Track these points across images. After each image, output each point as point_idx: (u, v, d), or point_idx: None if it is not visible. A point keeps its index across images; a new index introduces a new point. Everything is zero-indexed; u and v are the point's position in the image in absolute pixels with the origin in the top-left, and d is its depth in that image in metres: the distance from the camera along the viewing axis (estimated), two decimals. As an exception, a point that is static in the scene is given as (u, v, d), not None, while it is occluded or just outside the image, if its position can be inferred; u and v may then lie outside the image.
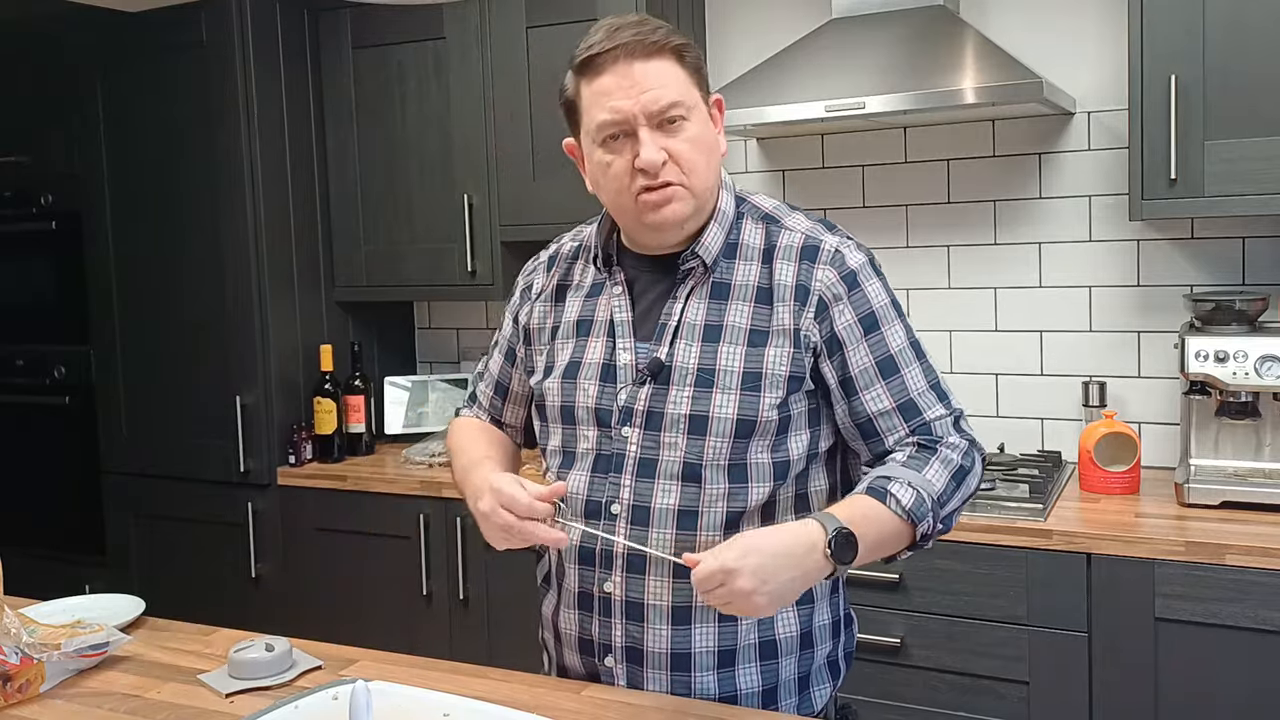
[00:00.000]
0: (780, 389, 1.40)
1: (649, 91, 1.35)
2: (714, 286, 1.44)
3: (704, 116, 1.41)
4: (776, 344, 1.40)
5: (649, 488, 1.41)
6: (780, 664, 1.45)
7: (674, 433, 1.41)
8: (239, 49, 3.09)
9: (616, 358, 1.45)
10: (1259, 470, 2.33)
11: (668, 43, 1.37)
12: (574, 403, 1.47)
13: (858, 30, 2.62)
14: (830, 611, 1.50)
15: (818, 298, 1.41)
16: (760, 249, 1.45)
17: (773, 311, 1.41)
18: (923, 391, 1.42)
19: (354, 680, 1.37)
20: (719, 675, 1.43)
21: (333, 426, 3.19)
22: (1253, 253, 2.56)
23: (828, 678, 1.50)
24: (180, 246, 3.24)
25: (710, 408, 1.39)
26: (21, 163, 3.51)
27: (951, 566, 2.30)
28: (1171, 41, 2.27)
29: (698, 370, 1.41)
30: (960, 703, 2.30)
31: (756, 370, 1.40)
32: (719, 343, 1.41)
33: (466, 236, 3.06)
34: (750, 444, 1.40)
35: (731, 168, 3.10)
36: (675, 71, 1.37)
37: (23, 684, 1.50)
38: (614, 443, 1.44)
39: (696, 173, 1.39)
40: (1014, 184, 2.78)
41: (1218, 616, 2.08)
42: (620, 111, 1.35)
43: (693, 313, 1.43)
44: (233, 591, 3.20)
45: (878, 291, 1.44)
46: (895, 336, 1.43)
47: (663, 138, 1.36)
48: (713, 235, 1.44)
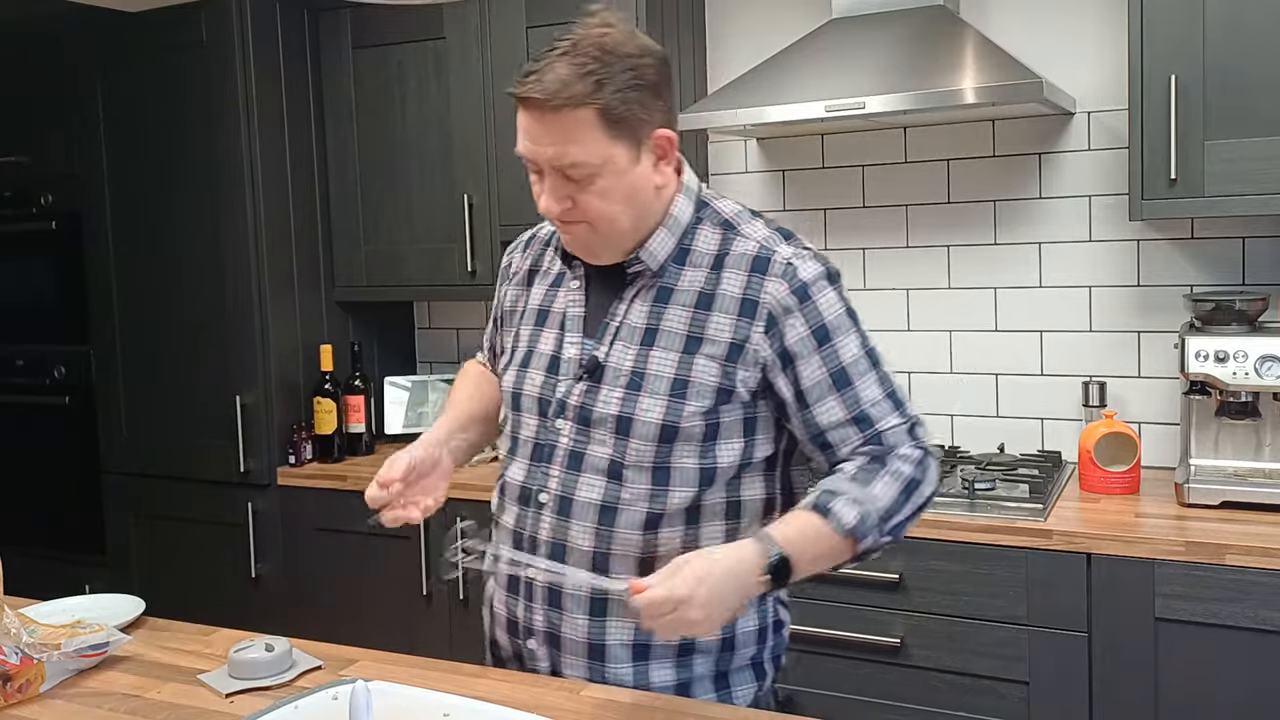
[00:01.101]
0: (707, 398, 1.40)
1: (553, 146, 1.35)
2: (659, 290, 1.45)
3: (623, 167, 1.37)
4: (707, 353, 1.41)
5: (575, 481, 1.44)
6: (695, 661, 1.47)
7: (602, 430, 1.43)
8: (239, 49, 3.09)
9: (563, 351, 1.49)
10: (1259, 470, 2.33)
11: (585, 101, 1.32)
12: (522, 390, 1.52)
13: (858, 30, 2.62)
14: (757, 618, 1.51)
15: (767, 311, 1.40)
16: (713, 255, 1.45)
17: (710, 320, 1.41)
18: (876, 402, 1.42)
19: (354, 680, 1.37)
20: (634, 668, 1.46)
21: (333, 426, 3.19)
22: (1253, 253, 2.56)
23: (751, 679, 1.51)
24: (180, 246, 3.24)
25: (636, 410, 1.41)
26: (21, 163, 3.51)
27: (951, 566, 2.30)
28: (1171, 41, 2.27)
29: (630, 372, 1.43)
30: (960, 703, 2.30)
31: (685, 378, 1.41)
32: (653, 347, 1.43)
33: (466, 236, 3.06)
34: (675, 448, 1.41)
35: (731, 168, 3.10)
36: (587, 131, 1.34)
37: (23, 684, 1.50)
38: (549, 434, 1.47)
39: (603, 221, 1.39)
40: (1014, 184, 2.78)
41: (1218, 616, 2.08)
42: (529, 152, 1.38)
43: (635, 315, 1.45)
44: (233, 591, 3.20)
45: (830, 303, 1.42)
46: (849, 348, 1.42)
47: (569, 186, 1.37)
48: (659, 241, 1.45)
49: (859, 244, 2.97)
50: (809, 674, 2.42)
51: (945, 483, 2.52)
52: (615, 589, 1.35)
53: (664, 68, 1.41)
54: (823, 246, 3.00)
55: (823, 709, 2.33)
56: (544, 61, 1.35)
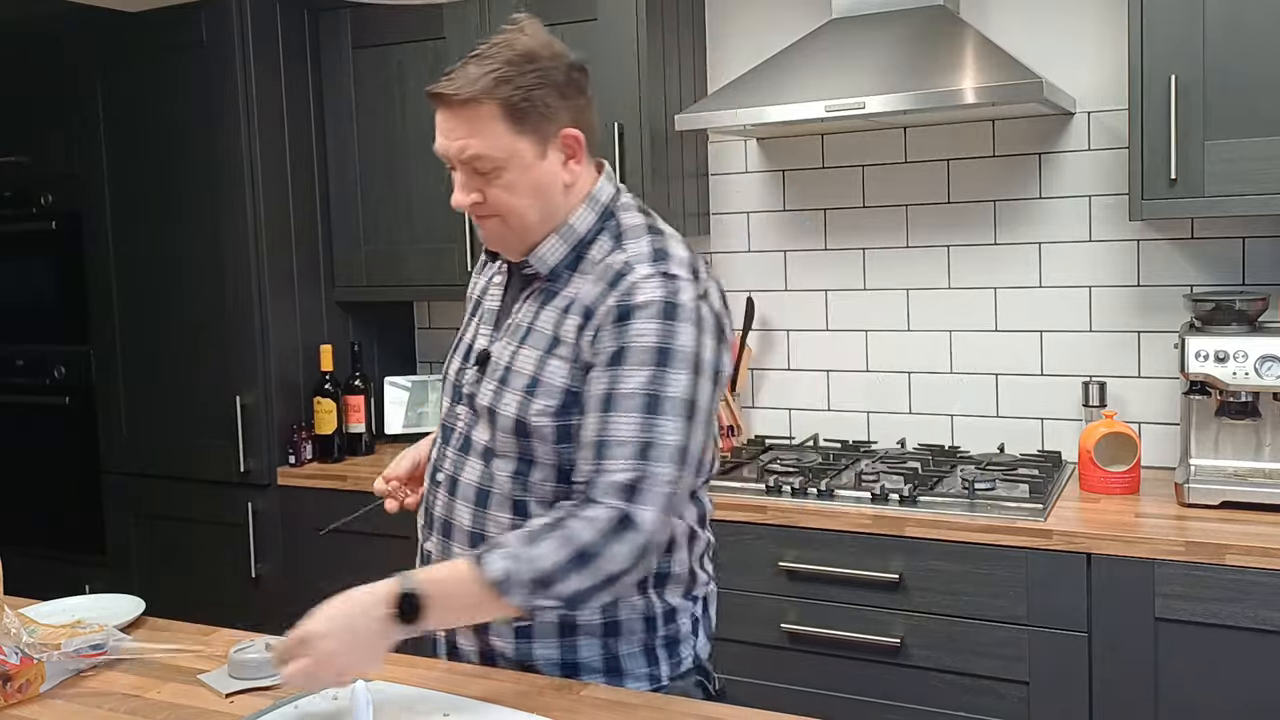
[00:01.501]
0: (554, 398, 1.44)
1: (458, 141, 1.44)
2: (547, 293, 1.50)
3: (528, 162, 1.44)
4: (561, 355, 1.45)
5: (463, 463, 1.53)
6: (580, 642, 1.51)
7: (483, 419, 1.51)
8: (239, 49, 3.08)
9: (476, 341, 1.59)
10: (1259, 470, 2.33)
11: (489, 95, 1.40)
12: (447, 375, 1.63)
13: (858, 30, 2.62)
14: (643, 606, 1.52)
15: (597, 322, 1.42)
16: (598, 265, 1.48)
17: (564, 323, 1.46)
18: (620, 442, 1.37)
19: (354, 680, 1.37)
20: (516, 644, 1.51)
21: (333, 426, 3.19)
22: (1253, 253, 2.56)
23: (644, 664, 1.53)
24: (180, 246, 3.24)
25: (499, 404, 1.48)
26: (21, 163, 3.51)
27: (951, 566, 2.30)
28: (1171, 41, 2.27)
29: (504, 368, 1.50)
30: (960, 703, 2.30)
31: (538, 376, 1.46)
32: (524, 345, 1.49)
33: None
34: (533, 444, 1.46)
35: (731, 168, 3.10)
36: (492, 123, 1.41)
37: (23, 684, 1.50)
38: (451, 418, 1.58)
39: (511, 214, 1.47)
40: (1014, 184, 2.78)
41: (1218, 616, 2.08)
42: (441, 148, 1.47)
43: (523, 315, 1.52)
44: (233, 591, 3.19)
45: (645, 331, 1.39)
46: (634, 378, 1.38)
47: (478, 179, 1.45)
48: (549, 246, 1.50)
49: (859, 244, 2.97)
50: (809, 674, 2.42)
51: (945, 483, 2.53)
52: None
53: (574, 72, 1.47)
54: (823, 246, 3.01)
55: (823, 709, 2.33)
56: (459, 64, 1.44)
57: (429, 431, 3.28)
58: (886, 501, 2.42)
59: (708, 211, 3.15)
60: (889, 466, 2.68)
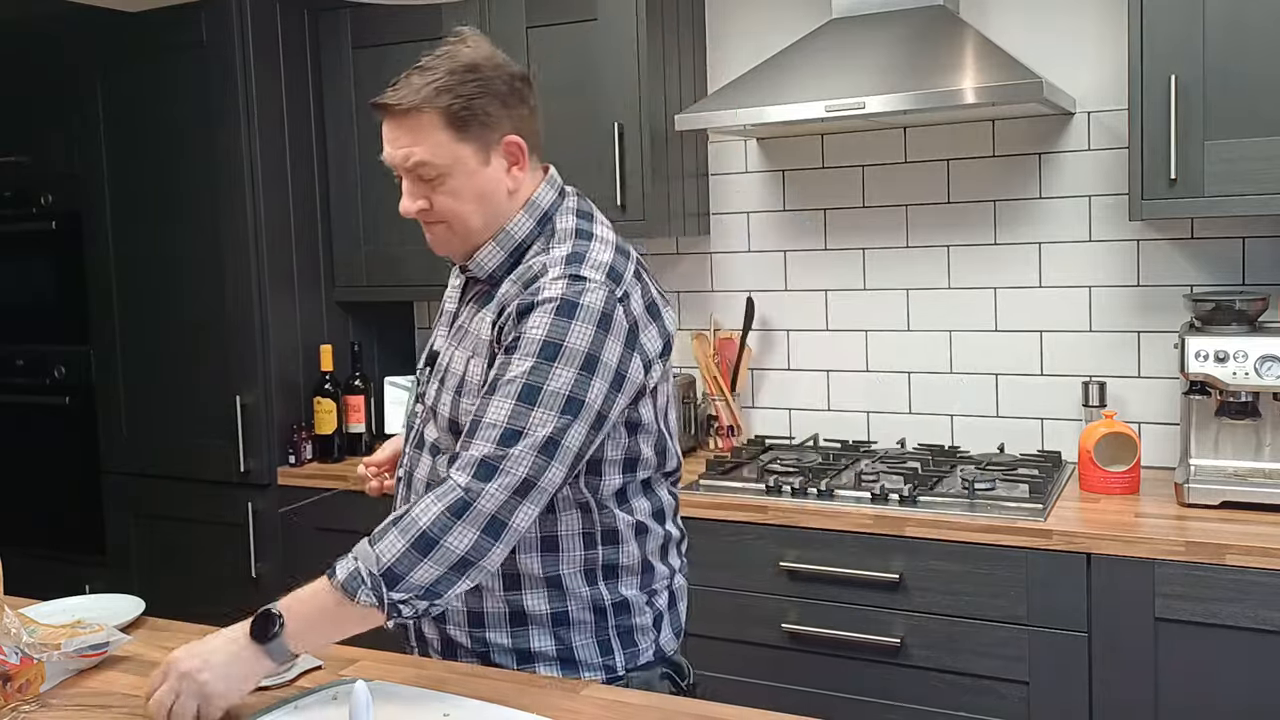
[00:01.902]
0: (476, 398, 1.47)
1: (402, 149, 1.49)
2: (486, 297, 1.55)
3: (471, 169, 1.49)
4: (480, 354, 1.51)
5: (417, 459, 1.59)
6: (531, 632, 1.54)
7: (432, 418, 1.57)
8: (239, 49, 3.09)
9: (435, 342, 1.65)
10: (1259, 470, 2.33)
11: (430, 104, 1.46)
12: (419, 375, 1.68)
13: (858, 30, 2.62)
14: (590, 599, 1.54)
15: (506, 316, 1.47)
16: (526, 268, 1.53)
17: (487, 324, 1.52)
18: (489, 424, 1.40)
19: (354, 680, 1.37)
20: (470, 632, 1.55)
21: (333, 426, 3.19)
22: (1253, 253, 2.56)
23: (596, 654, 1.56)
24: (180, 246, 3.24)
25: (439, 403, 1.55)
26: (21, 163, 3.51)
27: (951, 566, 2.30)
28: (1171, 41, 2.27)
29: (445, 369, 1.57)
30: (960, 703, 2.30)
31: (465, 376, 1.52)
32: (459, 348, 1.56)
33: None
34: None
35: (731, 168, 3.10)
36: (434, 131, 1.47)
37: (23, 684, 1.50)
38: (413, 416, 1.65)
39: (456, 220, 1.52)
40: (1014, 184, 2.78)
41: (1218, 616, 2.08)
42: (387, 157, 1.52)
43: (463, 317, 1.59)
44: (233, 591, 3.19)
45: (539, 325, 1.42)
46: (518, 367, 1.41)
47: (424, 187, 1.51)
48: (486, 252, 1.55)
49: (859, 244, 2.97)
50: (809, 674, 2.42)
51: (945, 483, 2.53)
52: None
53: (516, 82, 1.52)
54: (823, 246, 3.01)
55: (823, 709, 2.33)
56: (403, 75, 1.49)
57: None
58: (886, 501, 2.42)
59: (708, 211, 3.15)
60: (889, 466, 2.68)
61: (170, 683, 1.35)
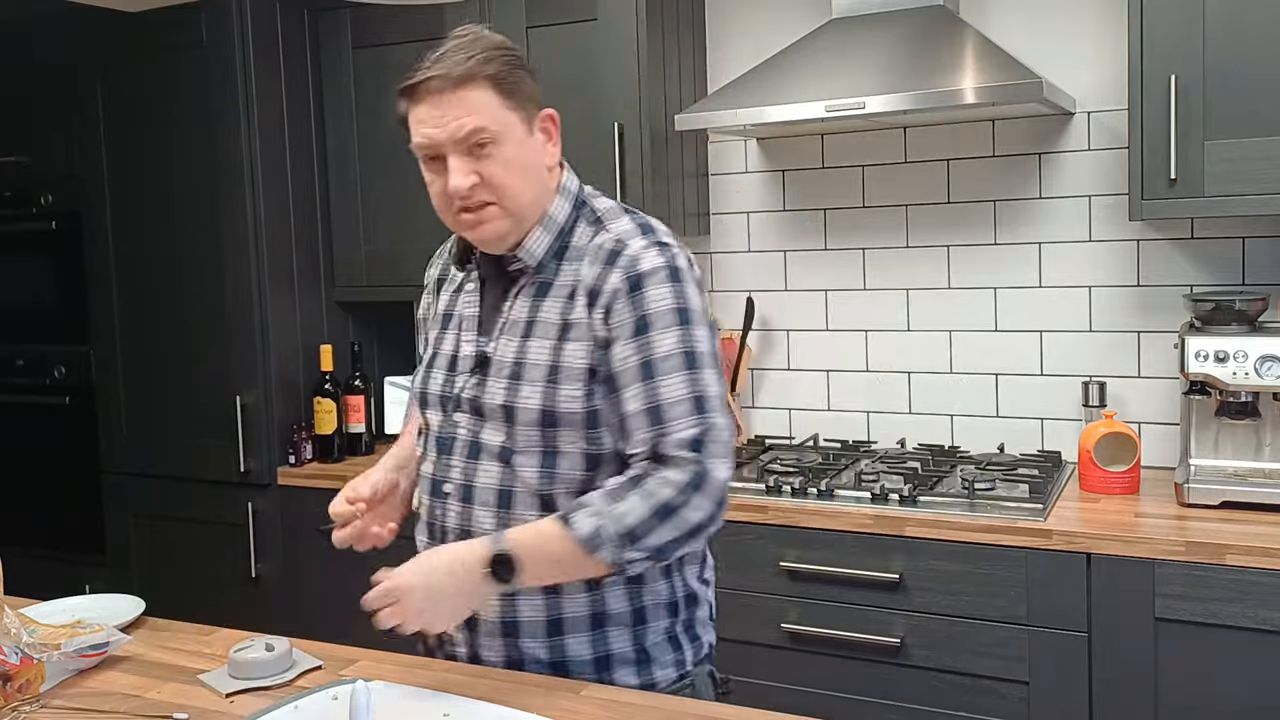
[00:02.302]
0: (578, 381, 1.46)
1: (455, 120, 1.44)
2: (539, 286, 1.53)
3: (520, 137, 1.48)
4: (575, 338, 1.48)
5: (474, 469, 1.52)
6: (610, 634, 1.52)
7: (495, 420, 1.51)
8: (239, 49, 3.09)
9: (460, 349, 1.58)
10: (1259, 470, 2.33)
11: (479, 72, 1.44)
12: (427, 389, 1.60)
13: (858, 30, 2.62)
14: (667, 591, 1.55)
15: (606, 298, 1.47)
16: (584, 250, 1.52)
17: (574, 307, 1.49)
18: (675, 401, 1.43)
19: (354, 680, 1.37)
20: (549, 643, 1.51)
21: (333, 426, 3.19)
22: (1253, 253, 2.56)
23: (669, 651, 1.55)
24: (180, 246, 3.24)
25: (518, 399, 1.49)
26: (21, 163, 3.51)
27: (951, 566, 2.30)
28: (1171, 41, 2.27)
29: (512, 364, 1.51)
30: (960, 703, 2.30)
31: (557, 364, 1.48)
32: (531, 338, 1.51)
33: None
34: (559, 433, 1.47)
35: (731, 168, 3.10)
36: (486, 98, 1.45)
37: (23, 684, 1.50)
38: (450, 427, 1.56)
39: (509, 194, 1.47)
40: (1014, 184, 2.78)
41: (1218, 616, 2.08)
42: (430, 138, 1.46)
43: (518, 310, 1.53)
44: (233, 591, 3.20)
45: (660, 296, 1.45)
46: (665, 342, 1.44)
47: (474, 162, 1.46)
48: (535, 239, 1.52)
49: (859, 244, 2.97)
50: (809, 674, 2.42)
51: (945, 483, 2.53)
52: None
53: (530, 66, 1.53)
54: (823, 246, 3.01)
55: (823, 709, 2.33)
56: (426, 61, 1.47)
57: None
58: (886, 501, 2.42)
59: (708, 211, 3.15)
60: (889, 466, 2.68)
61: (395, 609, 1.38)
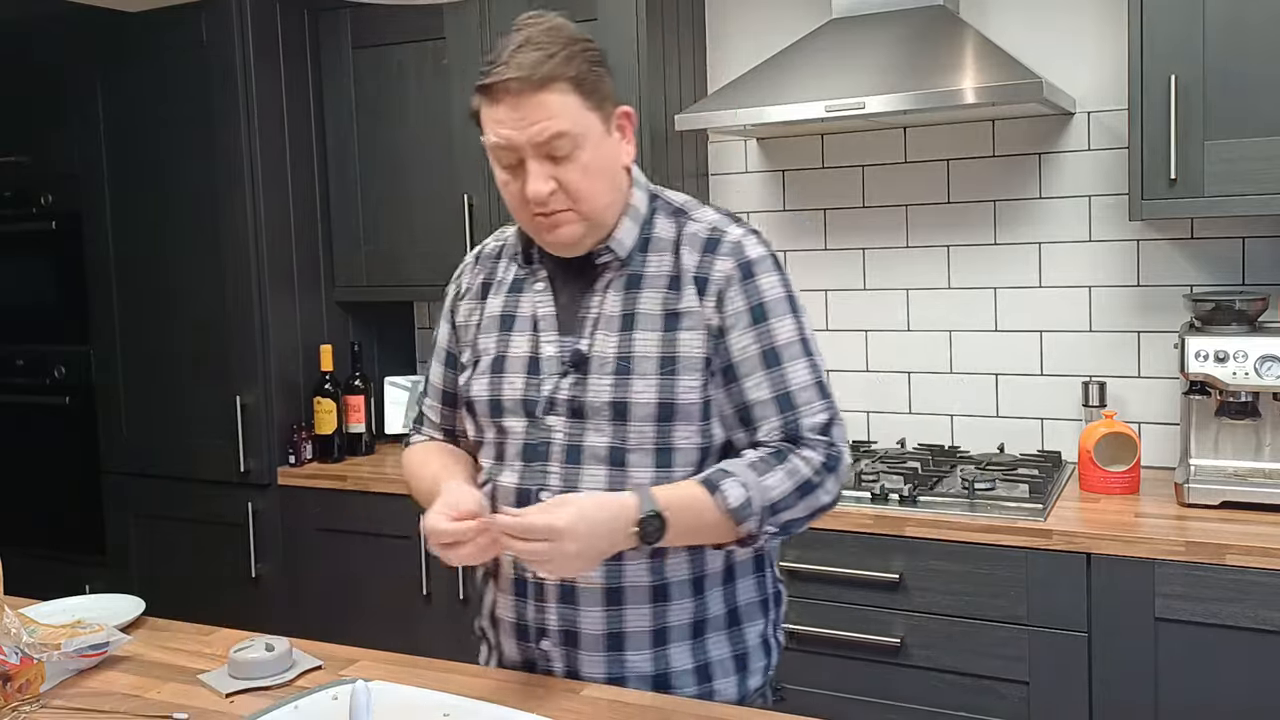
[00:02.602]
0: (696, 371, 1.44)
1: (536, 124, 1.38)
2: (629, 278, 1.48)
3: (599, 139, 1.43)
4: (688, 327, 1.45)
5: (577, 474, 1.45)
6: (709, 641, 1.49)
7: (599, 420, 1.45)
8: (239, 49, 3.09)
9: (541, 350, 1.50)
10: (1259, 470, 2.33)
11: (561, 73, 1.38)
12: (501, 395, 1.51)
13: (858, 30, 2.62)
14: (757, 588, 1.54)
15: (716, 286, 1.45)
16: (672, 240, 1.50)
17: (681, 297, 1.46)
18: (804, 386, 1.45)
19: (354, 680, 1.37)
20: (654, 654, 1.46)
21: (333, 426, 3.19)
22: (1253, 253, 2.56)
23: (762, 656, 1.54)
24: (180, 246, 3.24)
25: (630, 394, 1.44)
26: (21, 163, 3.51)
27: (951, 566, 2.30)
28: (1171, 41, 2.27)
29: (616, 358, 1.45)
30: (960, 703, 2.30)
31: (672, 354, 1.44)
32: (634, 330, 1.46)
33: (466, 236, 3.05)
34: (674, 428, 1.44)
35: (731, 168, 3.10)
36: (567, 101, 1.39)
37: (23, 684, 1.50)
38: (541, 432, 1.48)
39: (587, 199, 1.42)
40: (1014, 184, 2.78)
41: (1218, 616, 2.08)
42: (509, 140, 1.39)
43: (610, 304, 1.48)
44: (233, 591, 3.20)
45: (772, 284, 1.46)
46: (784, 329, 1.45)
47: (552, 166, 1.40)
48: (625, 230, 1.49)
49: (859, 244, 2.97)
50: (809, 674, 2.42)
51: (945, 483, 2.53)
52: None
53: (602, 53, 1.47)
54: (823, 246, 3.01)
55: (823, 709, 2.33)
56: (503, 54, 1.39)
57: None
58: (886, 501, 2.42)
59: (708, 211, 3.15)
60: (889, 466, 2.68)
61: (546, 552, 1.29)
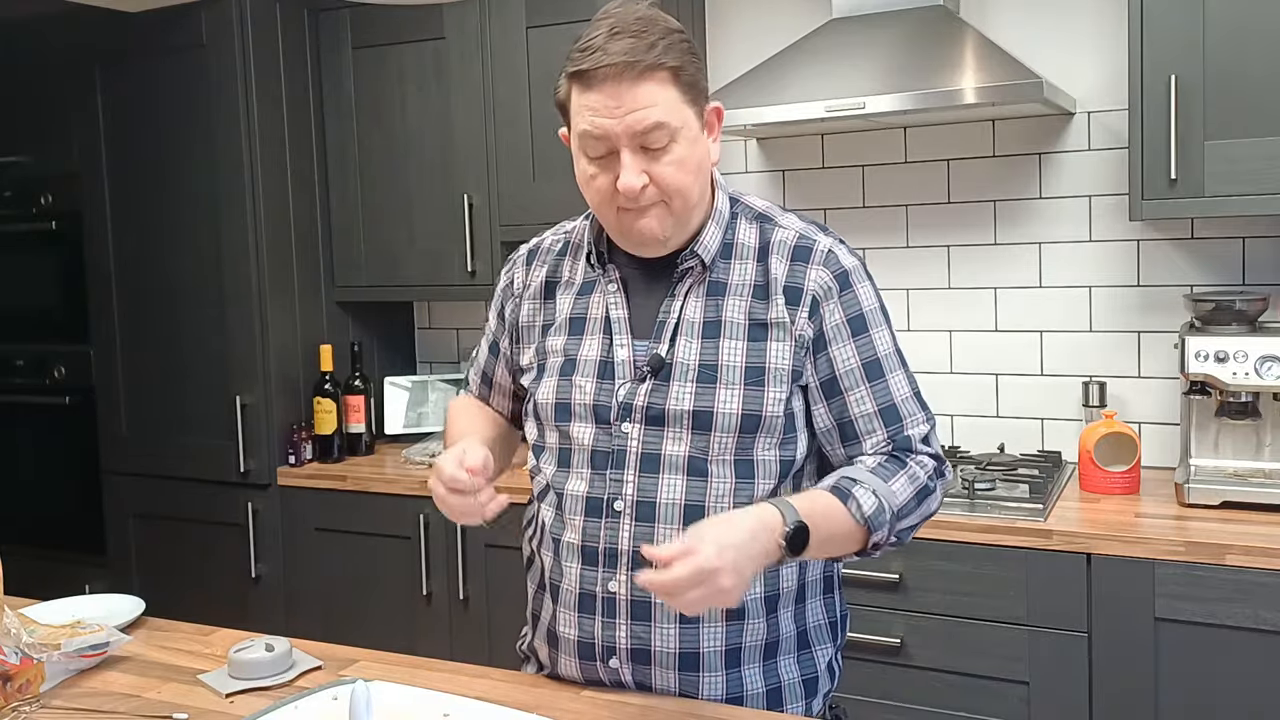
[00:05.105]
0: (784, 383, 1.40)
1: (634, 113, 1.32)
2: (711, 285, 1.44)
3: (693, 134, 1.37)
4: (777, 338, 1.40)
5: (653, 483, 1.40)
6: (780, 663, 1.45)
7: (677, 428, 1.39)
8: (239, 49, 3.08)
9: (614, 354, 1.44)
10: (1259, 470, 2.33)
11: (662, 63, 1.32)
12: (570, 400, 1.45)
13: (858, 30, 2.62)
14: (825, 611, 1.50)
15: (811, 297, 1.41)
16: (755, 248, 1.45)
17: (770, 306, 1.41)
18: (906, 399, 1.44)
19: (354, 680, 1.37)
20: (727, 675, 1.42)
21: (333, 426, 3.19)
22: (1253, 253, 2.56)
23: (829, 680, 1.51)
24: (180, 246, 3.24)
25: (714, 403, 1.39)
26: (21, 163, 3.51)
27: (951, 566, 2.30)
28: (1171, 42, 2.27)
29: (699, 366, 1.40)
30: (960, 703, 2.30)
31: (760, 365, 1.40)
32: (719, 339, 1.41)
33: (466, 236, 3.06)
34: (756, 439, 1.39)
35: (731, 168, 3.10)
36: (666, 92, 1.33)
37: (23, 684, 1.50)
38: (614, 439, 1.42)
39: (678, 195, 1.37)
40: (1014, 184, 2.78)
41: (1218, 617, 2.08)
42: (604, 129, 1.34)
43: (691, 310, 1.43)
44: (233, 591, 3.20)
45: (868, 295, 1.44)
46: (882, 341, 1.44)
47: (645, 160, 1.35)
48: (710, 234, 1.44)
49: (859, 244, 2.97)
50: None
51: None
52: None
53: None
54: (823, 246, 3.01)
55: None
56: (597, 40, 1.34)
57: (430, 432, 3.30)
58: (886, 501, 2.42)
59: (708, 211, 3.15)
60: (889, 466, 2.68)
61: (701, 593, 1.18)
